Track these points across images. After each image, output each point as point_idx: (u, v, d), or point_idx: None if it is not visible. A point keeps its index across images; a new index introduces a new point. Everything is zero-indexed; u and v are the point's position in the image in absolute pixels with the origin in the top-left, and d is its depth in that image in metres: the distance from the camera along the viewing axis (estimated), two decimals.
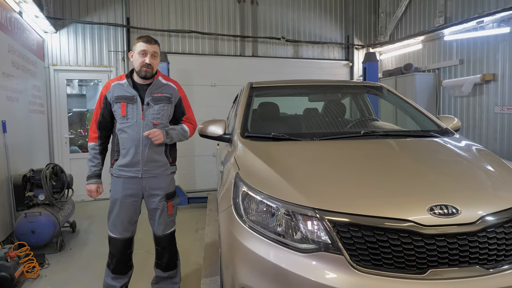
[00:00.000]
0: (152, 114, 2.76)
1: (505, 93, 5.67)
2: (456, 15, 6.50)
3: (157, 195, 2.83)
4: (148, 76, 2.74)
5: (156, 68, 2.80)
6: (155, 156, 2.79)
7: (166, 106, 2.82)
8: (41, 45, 6.49)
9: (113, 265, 2.87)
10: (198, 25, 7.51)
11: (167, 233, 2.93)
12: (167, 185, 2.88)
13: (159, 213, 2.86)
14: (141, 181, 2.78)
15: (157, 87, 2.81)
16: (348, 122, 3.34)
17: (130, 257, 2.95)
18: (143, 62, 2.69)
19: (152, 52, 2.72)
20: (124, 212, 2.80)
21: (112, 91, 2.78)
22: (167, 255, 2.95)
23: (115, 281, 2.90)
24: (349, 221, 1.68)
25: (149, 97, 2.77)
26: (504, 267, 1.67)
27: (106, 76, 7.02)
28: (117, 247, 2.83)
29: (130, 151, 2.74)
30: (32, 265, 3.76)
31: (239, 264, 1.85)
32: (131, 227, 2.86)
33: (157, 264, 3.01)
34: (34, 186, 4.50)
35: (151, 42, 2.73)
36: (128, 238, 2.86)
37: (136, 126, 2.73)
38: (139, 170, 2.76)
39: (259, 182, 1.98)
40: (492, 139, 5.91)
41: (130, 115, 2.73)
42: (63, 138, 6.83)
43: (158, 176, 2.82)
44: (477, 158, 2.37)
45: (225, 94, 7.03)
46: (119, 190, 2.80)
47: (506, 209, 1.75)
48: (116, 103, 2.75)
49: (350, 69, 8.61)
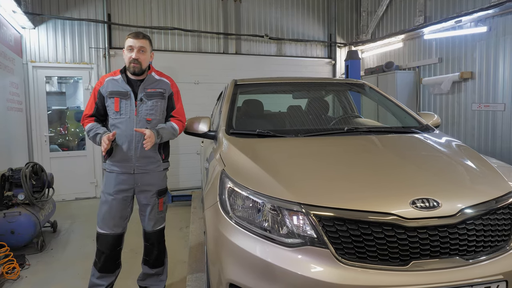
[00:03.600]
0: (146, 110, 2.75)
1: (482, 91, 5.83)
2: (436, 14, 6.64)
3: (149, 191, 2.83)
4: (136, 71, 2.73)
5: (145, 64, 2.77)
6: (148, 152, 2.77)
7: (160, 102, 2.81)
8: (19, 41, 6.33)
9: (101, 263, 2.83)
10: (181, 22, 7.45)
11: (157, 229, 2.92)
12: (159, 182, 2.87)
13: (149, 209, 2.86)
14: (133, 177, 2.78)
15: (150, 82, 2.80)
16: (331, 119, 3.39)
17: (119, 254, 2.92)
18: (130, 57, 2.69)
19: (139, 47, 2.70)
20: (116, 207, 2.79)
21: (106, 86, 2.77)
22: (155, 251, 2.94)
23: (101, 280, 2.86)
24: (334, 215, 1.71)
25: (142, 93, 2.76)
26: (482, 257, 1.73)
27: (86, 73, 6.89)
28: (106, 244, 2.80)
29: (123, 146, 2.73)
30: (12, 266, 3.67)
31: (226, 260, 1.86)
32: (122, 222, 2.84)
33: (145, 261, 3.00)
34: (13, 186, 4.39)
35: (138, 37, 2.71)
36: (119, 234, 2.84)
37: (129, 122, 2.72)
38: (132, 165, 2.76)
39: (245, 178, 2.00)
40: (470, 136, 6.08)
41: (123, 110, 2.72)
42: (43, 137, 6.68)
43: (150, 172, 2.81)
44: (457, 153, 2.44)
45: (209, 91, 7.02)
46: (112, 185, 2.78)
47: (484, 202, 1.82)
48: (109, 98, 2.74)
49: (332, 67, 8.70)
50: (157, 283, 3.04)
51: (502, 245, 1.80)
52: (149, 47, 2.78)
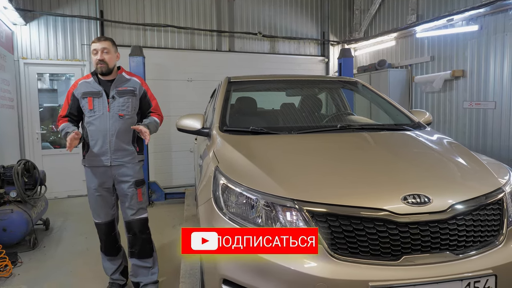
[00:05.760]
0: (118, 107, 2.94)
1: (474, 89, 5.89)
2: (428, 13, 6.69)
3: (126, 182, 3.00)
4: (104, 71, 2.94)
5: (111, 63, 2.97)
6: (123, 145, 2.96)
7: (131, 99, 3.00)
8: (10, 37, 6.26)
9: (104, 248, 3.16)
10: (174, 19, 7.41)
11: (137, 218, 3.05)
12: (136, 173, 3.03)
13: (129, 199, 3.02)
14: (110, 169, 2.96)
15: (121, 82, 3.01)
16: (325, 116, 3.41)
17: (116, 239, 3.19)
18: (96, 59, 2.92)
19: (102, 49, 2.90)
20: (100, 198, 3.02)
21: (79, 88, 2.99)
22: (139, 241, 3.07)
23: (110, 263, 3.20)
24: (326, 211, 1.73)
25: (114, 91, 2.96)
26: (472, 252, 1.77)
27: (79, 70, 6.84)
28: (102, 231, 3.10)
29: (98, 141, 2.92)
30: (4, 263, 3.65)
31: (219, 256, 1.86)
32: (110, 211, 3.08)
33: (131, 253, 3.11)
34: (5, 183, 4.36)
35: (100, 40, 2.96)
36: (110, 221, 3.10)
37: (103, 118, 2.91)
38: (108, 158, 2.94)
39: (239, 175, 2.01)
40: (461, 133, 6.14)
41: (96, 108, 2.93)
42: (35, 134, 6.63)
43: (125, 164, 2.98)
44: (448, 150, 2.47)
45: (202, 89, 6.98)
46: (92, 179, 2.99)
47: (474, 198, 1.85)
48: (83, 99, 2.95)
49: (325, 64, 8.72)
50: (149, 276, 3.15)
51: (491, 240, 1.83)
52: (112, 47, 2.98)
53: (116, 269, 3.22)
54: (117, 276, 3.23)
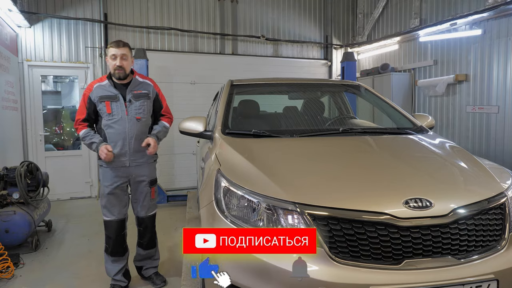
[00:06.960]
0: (135, 110, 3.07)
1: (477, 93, 5.88)
2: (431, 17, 6.69)
3: (142, 181, 3.20)
4: (121, 77, 3.03)
5: (128, 69, 3.06)
6: (140, 147, 3.09)
7: (146, 102, 3.14)
8: (15, 40, 6.30)
9: (111, 248, 3.19)
10: (177, 22, 7.44)
11: (150, 215, 3.32)
12: (151, 172, 3.26)
13: (143, 197, 3.23)
14: (128, 169, 3.12)
15: (135, 85, 3.12)
16: (327, 120, 3.41)
17: (125, 238, 3.27)
18: (114, 65, 2.99)
19: (121, 55, 2.99)
20: (115, 197, 3.13)
21: (95, 92, 3.06)
22: (148, 234, 3.33)
23: (114, 264, 3.23)
24: (328, 214, 1.73)
25: (130, 95, 3.07)
26: (474, 257, 1.76)
27: (82, 72, 6.87)
28: (113, 229, 3.16)
29: (118, 143, 3.04)
30: (6, 265, 3.65)
31: (220, 259, 1.86)
32: (123, 209, 3.20)
33: (139, 243, 3.38)
34: (8, 184, 4.36)
35: (119, 46, 3.01)
36: (121, 219, 3.19)
37: (122, 121, 3.04)
38: (127, 160, 3.09)
39: (240, 178, 2.01)
40: (464, 137, 6.12)
41: (115, 112, 3.03)
42: (38, 136, 6.65)
43: (142, 164, 3.17)
44: (450, 154, 2.47)
45: (205, 91, 6.99)
46: (109, 178, 3.10)
47: (476, 202, 1.84)
48: (100, 103, 3.04)
49: (328, 68, 8.72)
50: (152, 262, 3.45)
51: (493, 244, 1.82)
52: (130, 53, 3.08)
53: (119, 271, 3.26)
54: (120, 277, 3.27)
